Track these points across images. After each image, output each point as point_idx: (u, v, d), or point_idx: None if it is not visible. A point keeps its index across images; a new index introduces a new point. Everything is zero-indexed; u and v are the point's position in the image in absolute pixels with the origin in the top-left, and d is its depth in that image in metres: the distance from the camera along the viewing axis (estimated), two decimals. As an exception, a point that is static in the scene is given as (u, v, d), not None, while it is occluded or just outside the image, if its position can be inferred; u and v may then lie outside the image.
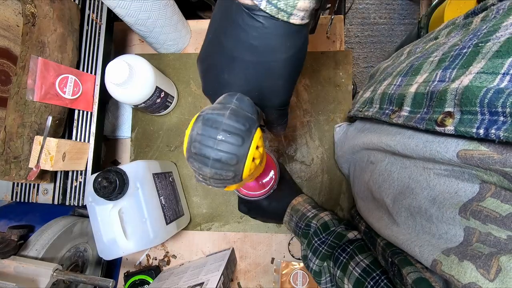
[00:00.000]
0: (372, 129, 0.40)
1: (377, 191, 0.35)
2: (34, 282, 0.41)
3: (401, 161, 0.31)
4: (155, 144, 0.60)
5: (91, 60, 0.52)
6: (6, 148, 0.45)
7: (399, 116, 0.30)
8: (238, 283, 0.57)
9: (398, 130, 0.31)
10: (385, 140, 0.33)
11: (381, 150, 0.35)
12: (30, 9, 0.46)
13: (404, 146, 0.29)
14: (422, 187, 0.27)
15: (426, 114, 0.26)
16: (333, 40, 0.62)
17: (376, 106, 0.37)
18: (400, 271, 0.29)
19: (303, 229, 0.45)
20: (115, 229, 0.41)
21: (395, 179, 0.32)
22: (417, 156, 0.27)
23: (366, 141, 0.39)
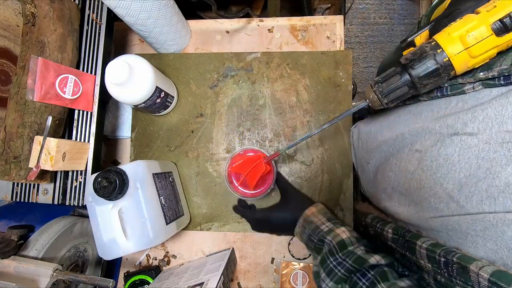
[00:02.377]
0: (414, 112, 0.37)
1: (431, 178, 0.32)
2: (34, 282, 0.41)
3: (462, 141, 0.28)
4: (155, 144, 0.60)
5: (91, 60, 0.52)
6: (6, 148, 0.45)
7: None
8: (238, 283, 0.57)
9: (455, 103, 0.30)
10: (440, 120, 0.31)
11: (431, 133, 0.32)
12: (30, 9, 0.46)
13: (472, 117, 0.27)
14: (501, 164, 0.24)
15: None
16: (333, 40, 0.62)
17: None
18: (466, 268, 0.26)
19: (316, 244, 0.43)
20: (115, 229, 0.41)
21: (456, 162, 0.28)
22: (489, 127, 0.26)
23: (407, 129, 0.36)
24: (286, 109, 0.59)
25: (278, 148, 0.58)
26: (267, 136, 0.59)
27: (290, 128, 0.58)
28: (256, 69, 0.60)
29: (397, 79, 0.31)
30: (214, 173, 0.59)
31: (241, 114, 0.60)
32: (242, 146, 0.59)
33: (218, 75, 0.61)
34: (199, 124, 0.60)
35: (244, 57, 0.61)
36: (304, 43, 0.62)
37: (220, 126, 0.60)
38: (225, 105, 0.60)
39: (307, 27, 0.63)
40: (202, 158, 0.59)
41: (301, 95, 0.59)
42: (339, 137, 0.57)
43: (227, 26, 0.64)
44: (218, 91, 0.60)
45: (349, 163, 0.56)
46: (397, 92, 0.32)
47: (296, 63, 0.59)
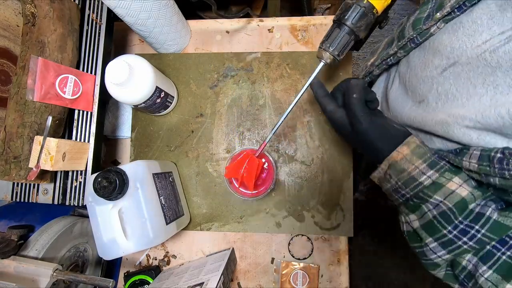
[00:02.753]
0: (402, 72, 0.42)
1: (439, 116, 0.34)
2: (34, 282, 0.41)
3: (451, 73, 0.33)
4: (155, 144, 0.60)
5: (91, 60, 0.52)
6: (6, 148, 0.45)
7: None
8: (238, 283, 0.57)
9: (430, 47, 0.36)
10: (429, 65, 0.35)
11: (424, 81, 0.37)
12: (30, 9, 0.46)
13: (451, 48, 0.32)
14: (489, 73, 0.28)
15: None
16: (333, 40, 0.62)
17: (410, 30, 0.38)
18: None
19: (409, 200, 0.33)
20: (115, 229, 0.41)
21: (456, 93, 0.32)
22: (464, 49, 0.30)
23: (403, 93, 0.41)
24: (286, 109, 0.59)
25: (278, 148, 0.58)
26: (267, 136, 0.59)
27: (290, 128, 0.58)
28: (256, 69, 0.60)
29: (337, 32, 0.37)
30: (214, 173, 0.59)
31: (241, 114, 0.60)
32: (242, 146, 0.59)
33: (218, 75, 0.61)
34: (199, 124, 0.60)
35: (244, 57, 0.61)
36: (304, 43, 0.62)
37: (220, 126, 0.60)
38: (225, 105, 0.60)
39: (307, 27, 0.63)
40: (202, 158, 0.59)
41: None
42: (339, 137, 0.57)
43: (227, 26, 0.64)
44: (218, 91, 0.60)
45: (349, 163, 0.57)
46: (342, 42, 0.37)
47: (296, 63, 0.59)
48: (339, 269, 0.56)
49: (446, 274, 0.32)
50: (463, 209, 0.29)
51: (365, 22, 0.36)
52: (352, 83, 0.36)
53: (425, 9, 0.36)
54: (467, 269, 0.29)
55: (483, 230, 0.28)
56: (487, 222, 0.28)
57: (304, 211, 0.57)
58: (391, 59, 0.44)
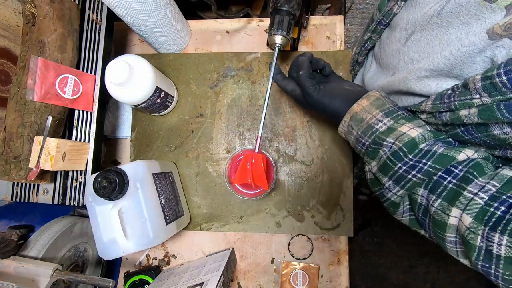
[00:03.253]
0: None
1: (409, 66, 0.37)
2: (34, 282, 0.41)
3: (414, 40, 0.35)
4: (155, 144, 0.60)
5: (91, 60, 0.52)
6: (6, 148, 0.45)
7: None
8: (238, 283, 0.57)
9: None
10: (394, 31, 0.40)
11: (394, 53, 0.40)
12: (30, 9, 0.46)
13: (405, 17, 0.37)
14: (447, 33, 0.30)
15: None
16: (333, 40, 0.62)
17: (376, 13, 0.42)
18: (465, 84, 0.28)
19: (369, 148, 0.34)
20: (115, 229, 0.41)
21: (419, 56, 0.35)
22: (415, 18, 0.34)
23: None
24: (286, 109, 0.59)
25: (278, 148, 0.58)
26: (267, 136, 0.59)
27: (290, 128, 0.58)
28: (256, 69, 0.60)
29: (278, 18, 0.43)
30: (214, 173, 0.59)
31: (241, 114, 0.60)
32: (242, 146, 0.59)
33: (218, 75, 0.61)
34: (199, 124, 0.60)
35: (244, 57, 0.61)
36: (304, 43, 0.62)
37: (220, 126, 0.60)
38: (225, 105, 0.60)
39: (307, 27, 0.63)
40: (202, 158, 0.59)
41: (301, 95, 0.59)
42: (339, 137, 0.57)
43: (227, 26, 0.64)
44: (218, 91, 0.60)
45: (349, 163, 0.57)
46: (285, 23, 0.43)
47: (296, 63, 0.59)
48: (339, 269, 0.56)
49: (410, 220, 0.34)
50: (413, 148, 0.30)
51: (296, 2, 0.43)
52: (299, 60, 0.41)
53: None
54: (422, 205, 0.31)
55: (429, 162, 0.29)
56: (433, 155, 0.29)
57: (304, 211, 0.57)
58: (368, 43, 0.47)
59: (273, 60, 0.43)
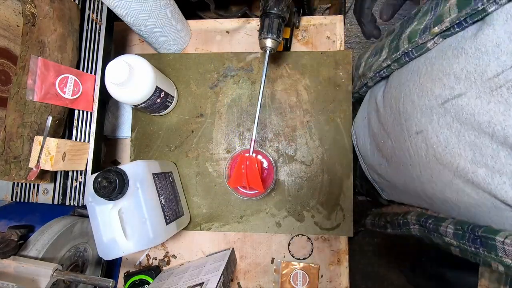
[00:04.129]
0: (394, 86, 0.39)
1: (446, 152, 0.31)
2: (34, 282, 0.41)
3: (454, 106, 0.29)
4: (155, 144, 0.60)
5: (91, 60, 0.52)
6: (6, 148, 0.45)
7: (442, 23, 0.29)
8: (238, 283, 0.57)
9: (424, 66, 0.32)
10: (426, 94, 0.32)
11: (422, 110, 0.33)
12: (30, 9, 0.46)
13: (455, 78, 0.28)
14: (501, 111, 0.24)
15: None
16: (333, 40, 0.62)
17: (405, 43, 0.35)
18: (493, 239, 0.26)
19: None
20: (115, 229, 0.41)
21: (459, 127, 0.29)
22: (473, 81, 0.26)
23: (396, 118, 0.37)
24: (286, 109, 0.59)
25: (278, 148, 0.58)
26: (267, 136, 0.59)
27: (290, 128, 0.58)
28: (256, 69, 0.60)
29: (268, 21, 0.43)
30: (214, 173, 0.59)
31: (241, 114, 0.60)
32: (242, 146, 0.59)
33: (218, 75, 0.61)
34: (199, 124, 0.60)
35: (244, 57, 0.61)
36: (304, 43, 0.62)
37: (220, 126, 0.60)
38: (225, 105, 0.60)
39: (307, 27, 0.63)
40: (202, 158, 0.59)
41: (301, 95, 0.59)
42: (339, 137, 0.57)
43: (227, 26, 0.64)
44: (218, 91, 0.60)
45: (349, 163, 0.57)
46: (275, 26, 0.43)
47: (296, 63, 0.59)
48: (339, 269, 0.56)
49: None
50: None
51: (285, 5, 0.43)
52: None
53: (423, 21, 0.33)
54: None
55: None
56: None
57: (304, 211, 0.57)
58: (385, 71, 0.42)
59: (265, 63, 0.44)
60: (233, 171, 0.47)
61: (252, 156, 0.46)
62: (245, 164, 0.45)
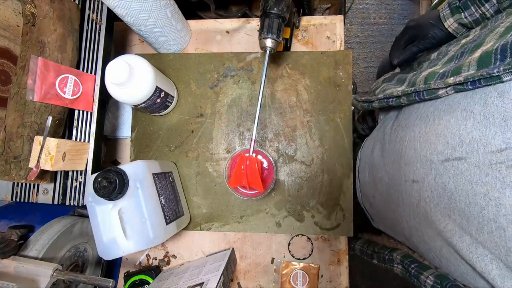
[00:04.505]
0: (402, 125, 0.38)
1: (437, 210, 0.31)
2: (34, 282, 0.41)
3: (454, 167, 0.28)
4: (155, 144, 0.60)
5: (91, 60, 0.52)
6: (6, 148, 0.45)
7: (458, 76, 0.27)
8: (238, 283, 0.57)
9: (444, 114, 0.30)
10: (429, 146, 0.31)
11: (423, 161, 0.32)
12: (30, 9, 0.46)
13: (460, 141, 0.27)
14: (497, 188, 0.24)
15: (499, 66, 0.24)
16: (333, 40, 0.62)
17: (421, 82, 0.34)
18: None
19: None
20: (115, 229, 0.41)
21: (453, 190, 0.28)
22: (475, 149, 0.26)
23: (400, 157, 0.36)
24: (286, 109, 0.59)
25: (278, 148, 0.58)
26: (267, 136, 0.59)
27: (290, 128, 0.58)
28: (256, 69, 0.60)
29: (268, 21, 0.43)
30: (214, 173, 0.59)
31: (241, 114, 0.60)
32: (242, 146, 0.59)
33: (218, 75, 0.61)
34: (199, 124, 0.60)
35: (244, 57, 0.61)
36: (304, 43, 0.62)
37: (220, 126, 0.60)
38: (225, 105, 0.60)
39: (307, 27, 0.63)
40: (202, 158, 0.59)
41: (301, 95, 0.59)
42: (339, 137, 0.57)
43: (227, 26, 0.64)
44: (218, 91, 0.60)
45: (349, 163, 0.57)
46: (275, 26, 0.43)
47: (296, 63, 0.59)
48: (339, 269, 0.56)
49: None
50: None
51: (285, 5, 0.43)
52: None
53: (446, 65, 0.32)
54: None
55: None
56: None
57: (304, 211, 0.57)
58: (393, 100, 0.40)
59: (265, 63, 0.44)
60: (233, 171, 0.47)
61: (252, 156, 0.46)
62: (245, 164, 0.45)
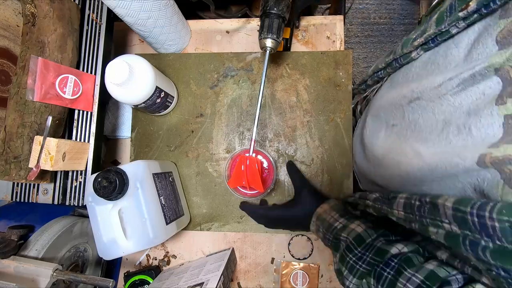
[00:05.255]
0: (387, 87, 0.44)
1: (412, 143, 0.35)
2: (34, 282, 0.41)
3: (417, 105, 0.34)
4: (155, 144, 0.60)
5: (91, 60, 0.52)
6: (6, 148, 0.45)
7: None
8: (238, 283, 0.57)
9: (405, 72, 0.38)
10: (400, 94, 0.37)
11: (396, 106, 0.38)
12: (30, 9, 0.46)
13: (417, 84, 0.33)
14: (451, 112, 0.29)
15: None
16: (333, 40, 0.62)
17: (398, 50, 0.39)
18: (435, 204, 0.27)
19: (332, 242, 0.42)
20: (115, 229, 0.41)
21: (422, 124, 0.33)
22: (425, 88, 0.32)
23: (382, 110, 0.41)
24: (286, 109, 0.59)
25: (278, 148, 0.58)
26: (267, 136, 0.59)
27: (290, 128, 0.58)
28: (256, 69, 0.60)
29: (268, 21, 0.43)
30: (214, 173, 0.59)
31: (241, 114, 0.60)
32: (242, 146, 0.59)
33: (218, 75, 0.61)
34: (199, 124, 0.60)
35: (244, 57, 0.61)
36: (304, 43, 0.62)
37: (220, 126, 0.60)
38: (225, 105, 0.60)
39: (307, 27, 0.63)
40: (202, 158, 0.59)
41: (301, 95, 0.59)
42: (339, 137, 0.57)
43: (227, 26, 0.64)
44: (218, 91, 0.60)
45: (349, 163, 0.57)
46: (275, 26, 0.43)
47: (296, 63, 0.59)
48: (339, 269, 0.56)
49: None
50: (360, 241, 0.37)
51: (285, 5, 0.43)
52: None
53: (417, 31, 0.36)
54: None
55: (371, 255, 0.35)
56: (373, 249, 0.36)
57: (304, 211, 0.56)
58: (381, 72, 0.45)
59: (265, 63, 0.45)
60: (233, 171, 0.47)
61: (252, 156, 0.46)
62: (245, 164, 0.45)
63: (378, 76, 0.46)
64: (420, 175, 0.33)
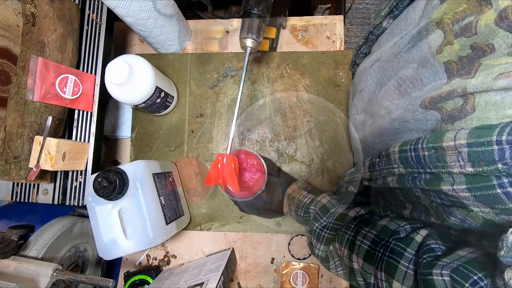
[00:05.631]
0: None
1: (378, 103, 0.39)
2: (34, 282, 0.41)
3: (378, 67, 0.39)
4: (155, 144, 0.60)
5: (91, 60, 0.52)
6: (6, 148, 0.45)
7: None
8: (238, 283, 0.57)
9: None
10: (372, 60, 0.41)
11: (369, 73, 0.42)
12: (30, 9, 0.46)
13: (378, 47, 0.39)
14: (407, 67, 0.32)
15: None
16: (333, 40, 0.62)
17: (374, 22, 0.42)
18: (388, 154, 0.30)
19: (303, 217, 0.44)
20: (115, 229, 0.41)
21: (385, 82, 0.37)
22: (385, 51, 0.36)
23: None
24: (286, 109, 0.59)
25: (278, 148, 0.58)
26: (267, 136, 0.59)
27: (290, 128, 0.58)
28: (256, 69, 0.60)
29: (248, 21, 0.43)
30: (214, 173, 0.59)
31: (241, 114, 0.60)
32: (242, 146, 0.59)
33: (218, 75, 0.61)
34: (199, 124, 0.60)
35: (244, 57, 0.61)
36: (304, 43, 0.62)
37: (220, 126, 0.60)
38: (225, 105, 0.60)
39: (307, 27, 0.63)
40: (202, 158, 0.59)
41: (301, 95, 0.59)
42: (339, 137, 0.57)
43: (227, 26, 0.64)
44: (218, 91, 0.60)
45: (349, 163, 0.57)
46: (255, 26, 0.43)
47: (296, 63, 0.59)
48: (339, 269, 0.56)
49: (344, 273, 0.40)
50: (325, 211, 0.41)
51: (265, 5, 0.44)
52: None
53: (386, 2, 0.40)
54: (339, 256, 0.39)
55: (333, 221, 0.40)
56: (335, 215, 0.40)
57: (304, 211, 0.56)
58: (363, 48, 0.48)
59: (245, 63, 0.45)
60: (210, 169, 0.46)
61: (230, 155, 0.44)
62: (221, 163, 0.44)
63: (362, 52, 0.49)
64: (393, 130, 0.35)
